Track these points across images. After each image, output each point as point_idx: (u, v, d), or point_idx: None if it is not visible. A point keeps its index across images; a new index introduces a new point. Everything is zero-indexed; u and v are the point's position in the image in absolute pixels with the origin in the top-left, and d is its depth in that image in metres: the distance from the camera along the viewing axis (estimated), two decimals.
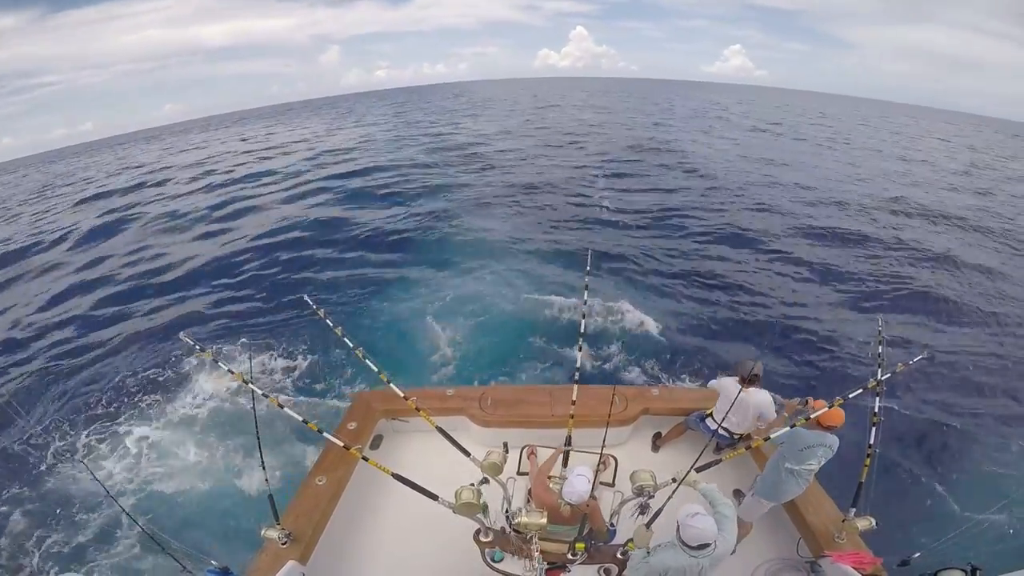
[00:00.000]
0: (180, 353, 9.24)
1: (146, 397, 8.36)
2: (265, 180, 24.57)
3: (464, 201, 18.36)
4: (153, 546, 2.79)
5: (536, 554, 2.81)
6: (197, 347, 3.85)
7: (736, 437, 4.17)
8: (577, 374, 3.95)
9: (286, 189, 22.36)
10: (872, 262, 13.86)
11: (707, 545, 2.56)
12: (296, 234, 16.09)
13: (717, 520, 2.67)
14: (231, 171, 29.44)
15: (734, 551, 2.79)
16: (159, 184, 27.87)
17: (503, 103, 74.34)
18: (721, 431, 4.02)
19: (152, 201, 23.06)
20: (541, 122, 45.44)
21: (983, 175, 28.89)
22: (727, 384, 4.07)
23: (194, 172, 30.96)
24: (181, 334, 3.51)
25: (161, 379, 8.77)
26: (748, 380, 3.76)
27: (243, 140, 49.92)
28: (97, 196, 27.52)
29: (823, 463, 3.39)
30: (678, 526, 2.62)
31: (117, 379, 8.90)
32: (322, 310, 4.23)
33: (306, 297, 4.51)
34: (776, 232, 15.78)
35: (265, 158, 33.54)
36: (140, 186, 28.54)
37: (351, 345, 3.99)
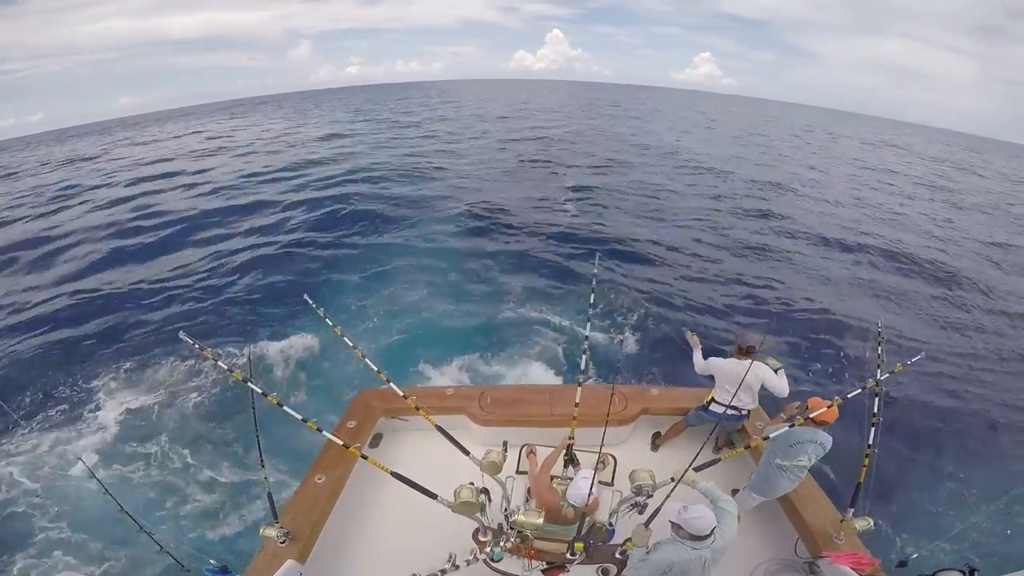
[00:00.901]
0: (179, 353, 9.24)
1: (146, 396, 8.36)
2: (260, 177, 24.45)
3: (457, 204, 18.33)
4: (152, 545, 2.77)
5: (508, 542, 2.81)
6: (196, 346, 3.81)
7: (745, 413, 4.14)
8: (581, 377, 3.95)
9: (282, 186, 22.30)
10: (871, 266, 14.08)
11: (710, 535, 2.57)
12: (293, 233, 16.08)
13: (718, 514, 2.68)
14: (211, 167, 29.05)
15: None
16: (152, 179, 27.38)
17: (480, 103, 74.51)
18: (731, 411, 3.88)
19: (144, 195, 22.83)
20: (529, 121, 45.43)
21: (964, 189, 30.14)
22: (720, 364, 4.06)
23: (176, 167, 30.45)
24: (180, 334, 3.47)
25: (160, 379, 8.77)
26: (745, 351, 3.80)
27: (205, 135, 49.07)
28: (69, 188, 26.95)
29: (814, 460, 3.39)
30: (677, 526, 2.62)
31: (116, 378, 8.88)
32: (322, 309, 4.20)
33: (307, 296, 4.47)
34: (774, 236, 15.99)
35: (242, 154, 33.26)
36: (123, 180, 27.89)
37: (351, 344, 3.96)
